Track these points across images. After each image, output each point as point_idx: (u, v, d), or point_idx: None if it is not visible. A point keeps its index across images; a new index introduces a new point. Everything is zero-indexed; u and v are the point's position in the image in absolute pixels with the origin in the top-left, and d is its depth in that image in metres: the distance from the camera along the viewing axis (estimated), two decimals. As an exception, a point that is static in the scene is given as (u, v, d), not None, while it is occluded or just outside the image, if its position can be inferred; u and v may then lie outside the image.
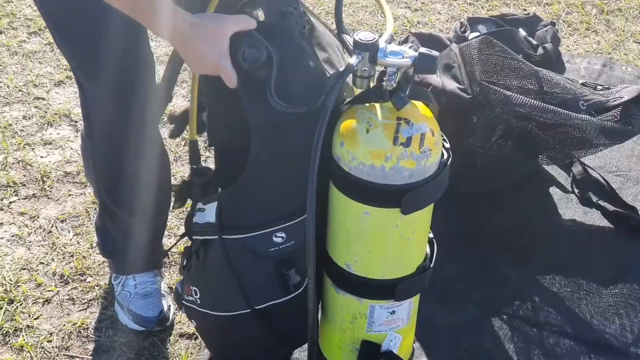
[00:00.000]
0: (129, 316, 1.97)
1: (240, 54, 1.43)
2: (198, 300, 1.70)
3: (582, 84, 2.42)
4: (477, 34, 2.62)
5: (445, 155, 1.52)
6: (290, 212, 1.57)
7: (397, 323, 1.63)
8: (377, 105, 1.46)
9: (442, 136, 1.52)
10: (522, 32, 2.61)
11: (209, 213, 1.61)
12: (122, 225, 1.93)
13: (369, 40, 1.45)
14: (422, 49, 1.44)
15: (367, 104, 1.47)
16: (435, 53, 1.43)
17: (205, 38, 1.42)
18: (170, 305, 2.01)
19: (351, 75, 1.50)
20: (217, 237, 1.60)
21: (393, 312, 1.61)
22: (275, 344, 1.76)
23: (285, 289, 1.64)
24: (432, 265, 1.62)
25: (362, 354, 1.66)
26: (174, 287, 1.90)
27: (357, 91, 1.52)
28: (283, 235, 1.59)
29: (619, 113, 2.23)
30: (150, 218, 1.94)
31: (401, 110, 1.44)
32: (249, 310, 1.65)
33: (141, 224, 1.93)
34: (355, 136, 1.43)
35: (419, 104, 1.50)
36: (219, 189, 1.70)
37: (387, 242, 1.52)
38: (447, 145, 1.54)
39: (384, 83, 1.44)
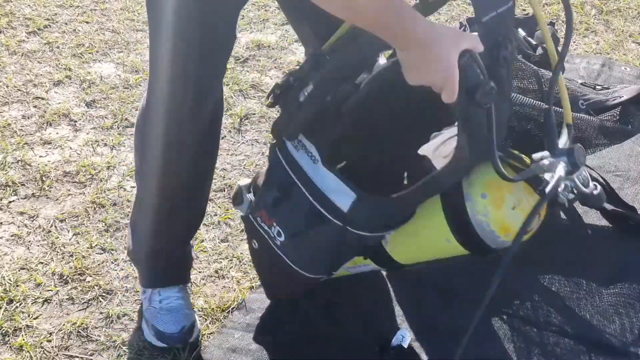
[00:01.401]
0: (153, 332, 1.95)
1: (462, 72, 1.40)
2: (277, 241, 1.71)
3: (582, 84, 2.43)
4: (476, 34, 2.62)
5: None
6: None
7: None
8: (534, 194, 1.52)
9: None
10: (522, 32, 2.62)
11: (340, 195, 1.62)
12: (151, 226, 1.93)
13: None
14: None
15: (528, 186, 1.53)
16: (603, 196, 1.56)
17: (443, 46, 1.39)
18: (195, 321, 1.97)
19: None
20: (339, 223, 1.63)
21: None
22: None
23: None
24: None
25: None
26: (235, 185, 1.83)
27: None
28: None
29: (618, 113, 2.24)
30: (179, 222, 1.94)
31: None
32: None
33: (170, 227, 1.93)
34: (500, 203, 1.54)
35: None
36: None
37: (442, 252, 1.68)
38: None
39: (560, 194, 1.50)
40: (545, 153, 1.56)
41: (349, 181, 1.63)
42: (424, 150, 1.68)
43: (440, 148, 1.66)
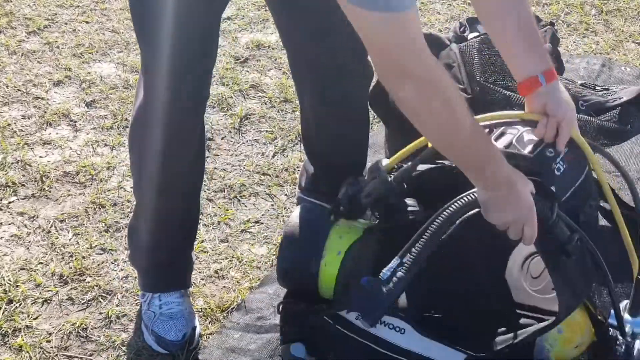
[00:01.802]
0: (153, 337, 1.94)
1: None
2: None
3: (581, 85, 2.42)
4: (476, 33, 2.62)
5: None
6: None
7: None
8: (593, 337, 1.67)
9: None
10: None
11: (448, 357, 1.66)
12: (149, 232, 1.93)
13: None
14: None
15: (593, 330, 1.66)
16: None
17: (526, 185, 1.49)
18: (195, 327, 1.97)
19: None
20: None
21: None
22: None
23: None
24: None
25: None
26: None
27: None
28: None
29: (617, 114, 2.23)
30: (177, 228, 1.95)
31: None
32: None
33: (168, 233, 1.94)
34: (570, 342, 1.67)
35: None
36: None
37: None
38: None
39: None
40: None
41: (450, 343, 1.66)
42: (511, 273, 1.74)
43: (524, 266, 1.75)
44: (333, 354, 1.72)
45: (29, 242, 2.22)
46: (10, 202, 2.35)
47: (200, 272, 2.16)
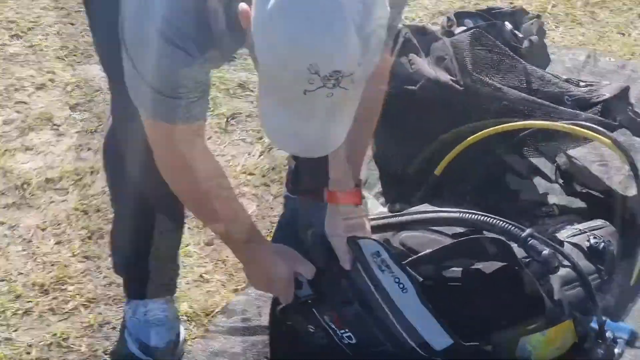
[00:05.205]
0: (137, 345, 1.93)
1: None
2: (346, 341, 1.74)
3: (566, 80, 2.45)
4: (463, 28, 2.64)
5: None
6: None
7: None
8: (575, 338, 1.74)
9: None
10: (509, 25, 2.64)
11: (434, 334, 1.66)
12: (131, 231, 1.91)
13: None
14: None
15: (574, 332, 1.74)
16: None
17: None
18: (179, 333, 1.95)
19: None
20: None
21: None
22: None
23: None
24: None
25: None
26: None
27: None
28: None
29: (600, 108, 2.26)
30: (159, 236, 1.91)
31: None
32: None
33: (150, 242, 1.90)
34: (552, 344, 1.73)
35: None
36: None
37: None
38: None
39: None
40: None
41: (444, 323, 1.65)
42: None
43: None
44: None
45: (9, 252, 2.19)
46: (-10, 212, 2.33)
47: (185, 277, 2.14)
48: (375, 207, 2.29)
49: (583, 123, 2.08)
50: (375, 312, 1.67)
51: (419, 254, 1.73)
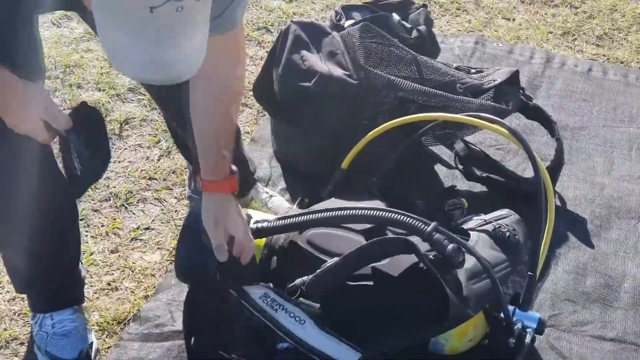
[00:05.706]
0: (47, 358, 1.86)
1: None
2: None
3: (456, 68, 2.48)
4: (352, 21, 2.65)
5: None
6: None
7: None
8: (487, 328, 1.84)
9: None
10: (396, 17, 2.66)
11: (343, 353, 1.71)
12: (23, 253, 1.81)
13: None
14: None
15: (486, 321, 1.82)
16: None
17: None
18: (92, 342, 1.91)
19: None
20: None
21: None
22: None
23: None
24: None
25: None
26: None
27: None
28: None
29: (492, 94, 2.30)
30: (51, 242, 1.83)
31: None
32: None
33: (44, 250, 1.81)
34: (463, 335, 1.81)
35: None
36: None
37: None
38: None
39: None
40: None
41: (347, 340, 1.72)
42: None
43: None
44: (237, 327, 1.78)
45: None
46: None
47: (92, 286, 2.09)
48: (281, 204, 2.30)
49: (484, 115, 2.10)
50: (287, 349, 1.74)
51: (324, 269, 1.74)
